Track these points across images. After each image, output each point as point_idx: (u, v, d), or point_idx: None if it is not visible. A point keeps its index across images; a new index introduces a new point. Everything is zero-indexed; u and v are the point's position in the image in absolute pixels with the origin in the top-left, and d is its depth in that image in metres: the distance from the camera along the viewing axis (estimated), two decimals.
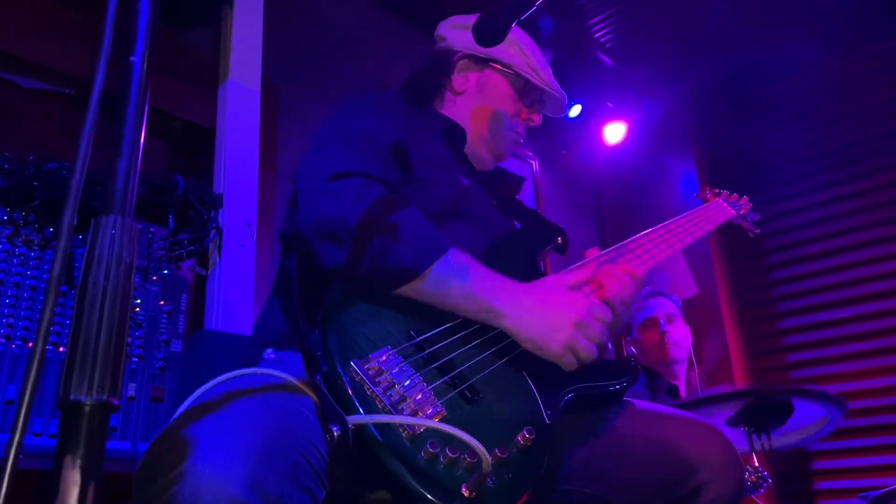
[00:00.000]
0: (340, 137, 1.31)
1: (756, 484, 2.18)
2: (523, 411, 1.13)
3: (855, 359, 3.71)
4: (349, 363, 1.03)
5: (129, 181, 0.55)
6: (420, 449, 0.96)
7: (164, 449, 0.85)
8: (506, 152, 1.67)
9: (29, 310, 1.72)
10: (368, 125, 1.35)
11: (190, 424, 0.88)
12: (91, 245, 0.53)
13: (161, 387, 1.87)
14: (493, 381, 1.15)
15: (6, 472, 0.45)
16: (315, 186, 1.21)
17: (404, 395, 1.02)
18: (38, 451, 1.60)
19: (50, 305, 0.50)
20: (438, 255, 1.15)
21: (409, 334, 1.13)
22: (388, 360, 1.07)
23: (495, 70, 1.64)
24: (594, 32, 3.87)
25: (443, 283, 1.15)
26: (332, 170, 1.21)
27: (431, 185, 1.39)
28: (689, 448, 1.17)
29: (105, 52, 0.55)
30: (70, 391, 0.49)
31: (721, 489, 1.15)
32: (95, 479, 0.47)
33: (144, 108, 0.58)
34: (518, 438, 1.06)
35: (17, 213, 1.77)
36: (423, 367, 1.09)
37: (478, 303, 1.16)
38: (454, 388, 1.09)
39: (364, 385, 1.01)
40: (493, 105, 1.63)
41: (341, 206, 1.16)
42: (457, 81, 1.64)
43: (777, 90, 4.18)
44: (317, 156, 1.28)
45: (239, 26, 2.62)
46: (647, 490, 1.16)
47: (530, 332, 1.16)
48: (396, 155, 1.35)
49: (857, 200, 3.87)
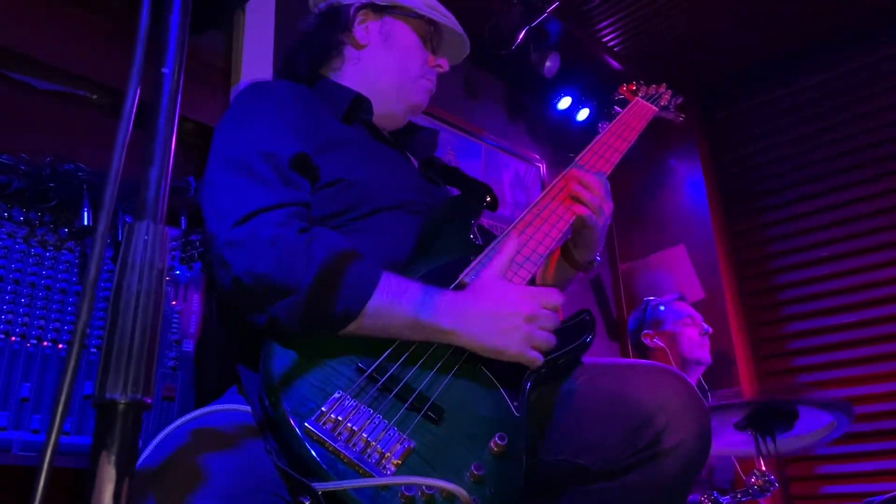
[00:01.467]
0: (233, 163, 1.20)
1: (763, 488, 2.19)
2: (491, 412, 1.12)
3: (862, 363, 3.71)
4: (304, 425, 0.98)
5: (160, 189, 0.57)
6: (395, 495, 0.94)
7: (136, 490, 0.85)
8: (421, 102, 1.58)
9: (44, 309, 1.75)
10: (260, 140, 1.23)
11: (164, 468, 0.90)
12: (125, 250, 0.55)
13: (173, 386, 1.89)
14: (454, 390, 1.12)
15: (43, 470, 0.47)
16: (220, 237, 1.12)
17: (368, 441, 1.00)
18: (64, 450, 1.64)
19: (86, 307, 0.52)
20: (371, 288, 1.09)
21: (357, 367, 1.09)
22: (341, 407, 1.02)
23: (396, 17, 1.54)
24: (602, 36, 3.88)
25: (382, 317, 1.10)
26: (235, 213, 1.12)
27: (350, 185, 1.31)
28: (644, 395, 1.12)
29: (137, 65, 0.56)
30: (105, 390, 0.52)
31: (683, 431, 1.10)
32: (129, 475, 0.50)
33: (175, 118, 0.60)
34: (491, 446, 1.05)
35: (34, 214, 1.79)
36: (380, 402, 1.05)
37: (424, 328, 1.12)
38: (417, 412, 1.06)
39: (325, 444, 0.98)
40: (401, 53, 1.54)
41: (257, 262, 1.07)
42: (359, 34, 1.52)
43: (782, 94, 4.19)
44: (215, 193, 1.18)
45: (251, 29, 2.64)
46: (613, 445, 1.12)
47: (486, 341, 1.12)
48: (300, 166, 1.24)
49: (864, 205, 3.87)
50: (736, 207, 4.28)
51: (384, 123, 1.54)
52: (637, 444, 1.11)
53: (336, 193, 1.30)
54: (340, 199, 1.29)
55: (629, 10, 3.68)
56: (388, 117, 1.54)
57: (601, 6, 3.66)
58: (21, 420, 1.64)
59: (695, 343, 3.04)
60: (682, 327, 3.08)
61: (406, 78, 1.53)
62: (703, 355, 3.05)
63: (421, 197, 1.42)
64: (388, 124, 1.56)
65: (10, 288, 1.71)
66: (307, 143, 1.28)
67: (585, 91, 4.06)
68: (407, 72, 1.54)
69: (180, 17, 0.63)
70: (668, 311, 3.17)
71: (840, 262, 3.88)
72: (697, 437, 1.12)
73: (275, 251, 1.07)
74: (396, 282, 1.13)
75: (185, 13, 0.64)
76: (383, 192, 1.35)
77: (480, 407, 1.12)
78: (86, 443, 1.71)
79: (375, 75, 1.52)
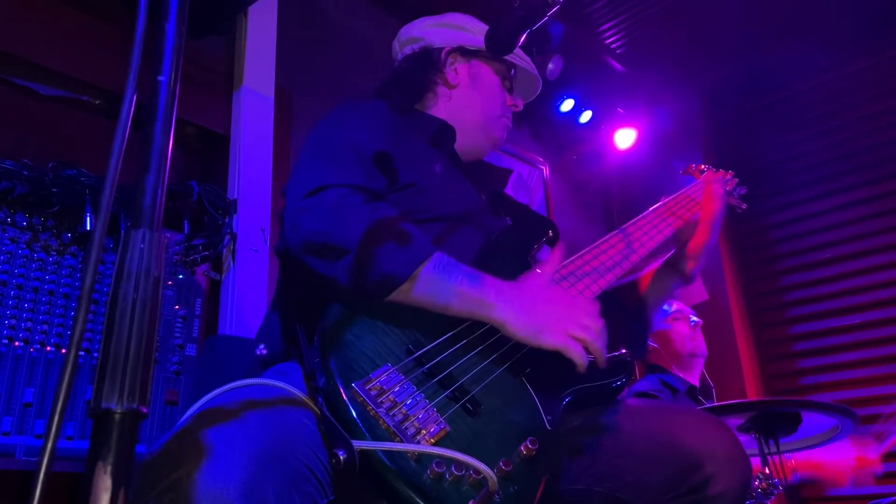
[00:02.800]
0: (320, 152, 1.32)
1: (766, 491, 2.18)
2: (525, 419, 1.15)
3: (865, 365, 3.70)
4: (351, 385, 1.03)
5: (156, 196, 0.57)
6: (426, 468, 0.97)
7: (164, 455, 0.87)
8: (500, 138, 1.70)
9: (47, 314, 1.75)
10: (350, 135, 1.36)
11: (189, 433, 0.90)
12: (121, 258, 0.55)
13: (176, 390, 1.90)
14: (493, 391, 1.16)
15: (40, 475, 0.47)
16: (294, 205, 1.22)
17: (407, 414, 1.03)
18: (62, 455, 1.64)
19: (82, 315, 0.52)
20: (423, 258, 1.16)
21: (408, 349, 1.13)
22: (388, 378, 1.07)
23: (482, 60, 1.68)
24: (605, 38, 3.88)
25: (431, 284, 1.15)
26: (310, 186, 1.22)
27: (421, 190, 1.40)
28: (694, 441, 1.17)
29: (133, 73, 0.56)
30: (102, 400, 0.51)
31: (728, 481, 1.14)
32: (125, 484, 0.50)
33: (171, 125, 0.60)
34: (521, 449, 1.07)
35: (36, 219, 1.80)
36: (424, 383, 1.09)
37: (467, 297, 1.16)
38: (456, 401, 1.10)
39: (367, 406, 1.01)
40: (487, 94, 1.67)
41: (319, 222, 1.17)
42: (450, 75, 1.66)
43: (787, 96, 4.18)
44: (297, 173, 1.30)
45: (253, 34, 2.65)
46: (655, 485, 1.16)
47: (526, 319, 1.16)
48: (381, 163, 1.35)
49: (867, 206, 3.86)
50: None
51: (465, 156, 1.64)
52: (682, 487, 1.15)
53: (407, 196, 1.37)
54: (410, 202, 1.36)
55: (631, 12, 3.68)
56: (470, 150, 1.66)
57: (603, 8, 3.66)
58: (24, 425, 1.64)
59: (686, 337, 3.04)
60: (671, 324, 3.08)
61: (490, 116, 1.66)
62: (697, 347, 3.04)
63: (486, 219, 1.50)
64: (469, 157, 1.67)
65: (14, 293, 1.71)
66: (394, 148, 1.38)
67: (588, 93, 4.05)
68: (491, 111, 1.67)
69: (177, 23, 0.63)
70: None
71: (845, 263, 3.87)
72: (740, 487, 1.16)
73: (337, 213, 1.17)
74: (448, 259, 1.19)
75: (181, 20, 0.64)
76: (451, 206, 1.43)
77: (516, 412, 1.15)
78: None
79: (464, 112, 1.65)
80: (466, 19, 1.72)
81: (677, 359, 3.01)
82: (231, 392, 1.04)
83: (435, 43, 1.68)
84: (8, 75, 2.10)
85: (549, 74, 3.58)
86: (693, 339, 3.04)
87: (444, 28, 1.70)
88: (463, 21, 1.71)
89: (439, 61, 1.66)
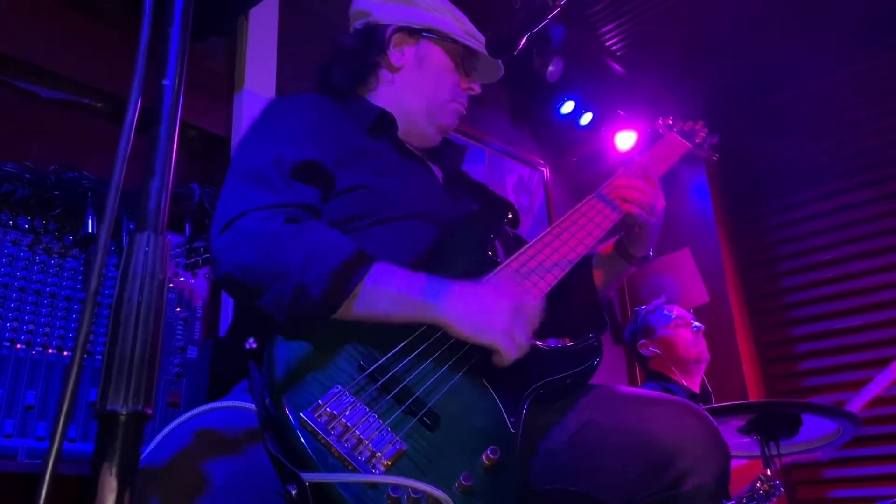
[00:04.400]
0: (238, 172, 1.25)
1: (768, 493, 2.18)
2: (486, 425, 1.11)
3: (867, 367, 3.69)
4: (299, 414, 0.99)
5: (161, 200, 0.57)
6: (382, 495, 0.94)
7: None
8: (450, 124, 1.60)
9: (49, 316, 1.75)
10: (269, 150, 1.26)
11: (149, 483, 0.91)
12: (126, 261, 0.56)
13: (177, 392, 1.90)
14: (452, 398, 1.12)
15: (46, 477, 0.47)
16: (214, 242, 1.17)
17: (360, 438, 1.00)
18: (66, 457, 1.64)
19: (87, 318, 0.52)
20: (360, 275, 1.10)
21: (360, 366, 1.09)
22: (338, 402, 1.02)
23: (432, 40, 1.55)
24: (605, 41, 3.89)
25: (368, 298, 1.11)
26: (228, 216, 1.15)
27: (370, 190, 1.33)
28: (669, 435, 1.12)
29: (138, 77, 0.57)
30: (107, 401, 0.52)
31: (705, 474, 1.10)
32: (130, 485, 0.50)
33: (175, 129, 0.61)
34: (483, 459, 1.05)
35: (38, 222, 1.80)
36: (378, 401, 1.05)
37: (406, 302, 1.12)
38: (413, 415, 1.06)
39: (317, 435, 0.98)
40: (434, 77, 1.55)
41: (239, 257, 1.11)
42: (394, 57, 1.54)
43: (787, 98, 4.18)
44: (219, 201, 1.23)
45: (254, 36, 2.65)
46: (631, 482, 1.12)
47: (467, 318, 1.12)
48: (308, 173, 1.26)
49: (869, 208, 3.86)
50: (740, 211, 4.27)
51: (412, 140, 1.56)
52: (656, 484, 1.11)
53: (354, 199, 1.31)
54: (357, 205, 1.31)
55: (632, 14, 3.69)
56: (417, 135, 1.57)
57: (604, 11, 3.67)
58: (26, 427, 1.64)
59: (689, 343, 3.04)
60: (673, 330, 3.08)
61: (436, 101, 1.55)
62: (701, 353, 3.03)
63: (441, 209, 1.42)
64: (417, 142, 1.58)
65: (16, 295, 1.71)
66: (324, 152, 1.30)
67: (588, 95, 4.06)
68: (437, 95, 1.56)
69: (181, 28, 0.64)
70: (658, 316, 3.16)
71: (846, 265, 3.87)
72: (717, 481, 1.12)
73: (259, 243, 1.10)
74: (385, 266, 1.14)
75: (185, 25, 0.65)
76: (401, 202, 1.36)
77: (476, 419, 1.12)
78: (91, 450, 1.71)
79: (407, 97, 1.54)
80: None
81: (681, 365, 3.01)
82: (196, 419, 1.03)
83: (383, 20, 1.55)
84: (10, 78, 2.10)
85: (549, 76, 3.59)
86: (696, 346, 3.04)
87: (392, 3, 1.56)
88: None
89: (384, 41, 1.53)
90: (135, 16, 0.64)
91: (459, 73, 1.58)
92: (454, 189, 1.59)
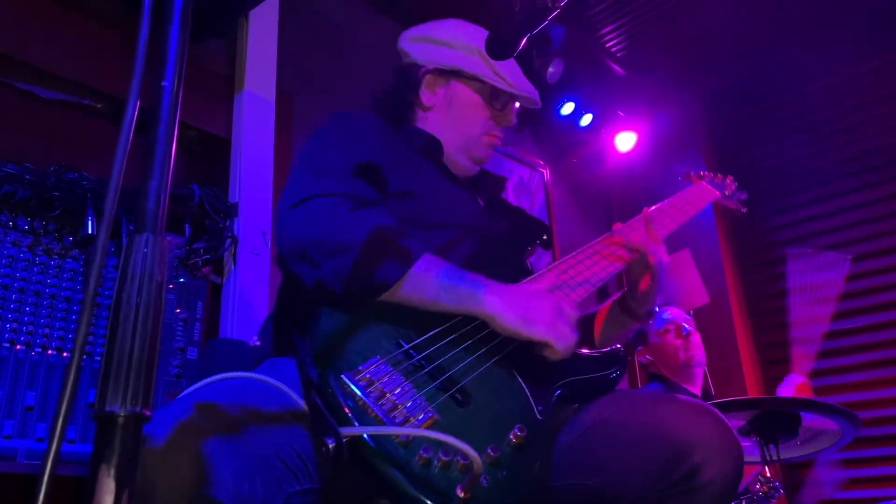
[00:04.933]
0: (306, 167, 1.37)
1: (767, 494, 2.17)
2: (514, 410, 1.16)
3: (868, 369, 3.70)
4: (340, 376, 1.06)
5: (160, 201, 0.57)
6: (414, 454, 0.99)
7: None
8: (484, 157, 1.68)
9: (48, 317, 1.75)
10: (335, 150, 1.40)
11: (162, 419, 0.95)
12: (124, 262, 0.56)
13: (177, 393, 1.90)
14: (483, 383, 1.17)
15: (44, 479, 0.47)
16: (281, 216, 1.28)
17: (395, 404, 1.05)
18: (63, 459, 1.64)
19: (86, 319, 0.52)
20: (413, 259, 1.19)
21: (397, 343, 1.16)
22: (377, 370, 1.09)
23: (461, 81, 1.64)
24: (605, 42, 3.89)
25: (419, 282, 1.19)
26: (296, 197, 1.26)
27: (416, 198, 1.42)
28: (682, 430, 1.14)
29: (136, 78, 0.57)
30: (105, 403, 0.52)
31: (718, 469, 1.12)
32: (129, 487, 0.50)
33: (174, 130, 0.61)
34: (510, 437, 1.09)
35: (38, 223, 1.80)
36: (413, 374, 1.12)
37: (456, 292, 1.19)
38: (445, 391, 1.11)
39: (355, 397, 1.04)
40: (465, 115, 1.64)
41: (305, 229, 1.22)
42: (425, 97, 1.65)
43: (787, 99, 4.19)
44: (285, 189, 1.34)
45: (254, 37, 2.66)
46: (645, 476, 1.14)
47: (512, 313, 1.18)
48: (368, 174, 1.37)
49: (869, 209, 3.86)
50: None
51: (452, 168, 1.65)
52: (671, 477, 1.12)
53: (403, 204, 1.40)
54: (405, 209, 1.39)
55: (632, 15, 3.69)
56: (457, 166, 1.66)
57: (604, 12, 3.67)
58: (26, 428, 1.64)
59: (678, 348, 2.99)
60: (663, 336, 3.05)
61: (468, 136, 1.64)
62: (691, 357, 2.98)
63: (480, 224, 1.52)
64: (457, 171, 1.67)
65: (15, 296, 1.71)
66: (381, 158, 1.42)
67: (588, 97, 4.06)
68: (469, 130, 1.64)
69: (180, 29, 0.64)
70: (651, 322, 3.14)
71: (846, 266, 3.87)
72: (731, 476, 1.14)
73: (328, 220, 1.22)
74: (436, 258, 1.23)
75: (184, 25, 0.65)
76: (445, 213, 1.45)
77: (506, 401, 1.17)
78: (90, 451, 1.71)
79: (444, 132, 1.64)
80: (454, 30, 1.67)
81: (673, 371, 2.99)
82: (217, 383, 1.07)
83: (418, 60, 1.66)
84: (10, 79, 2.10)
85: (549, 78, 3.59)
86: (686, 350, 2.97)
87: (425, 44, 1.67)
88: (450, 33, 1.66)
89: (416, 82, 1.64)
90: (134, 17, 0.64)
91: (491, 108, 1.65)
92: (493, 211, 1.67)
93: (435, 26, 1.69)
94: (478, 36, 1.61)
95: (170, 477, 0.88)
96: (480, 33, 1.61)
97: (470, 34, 1.65)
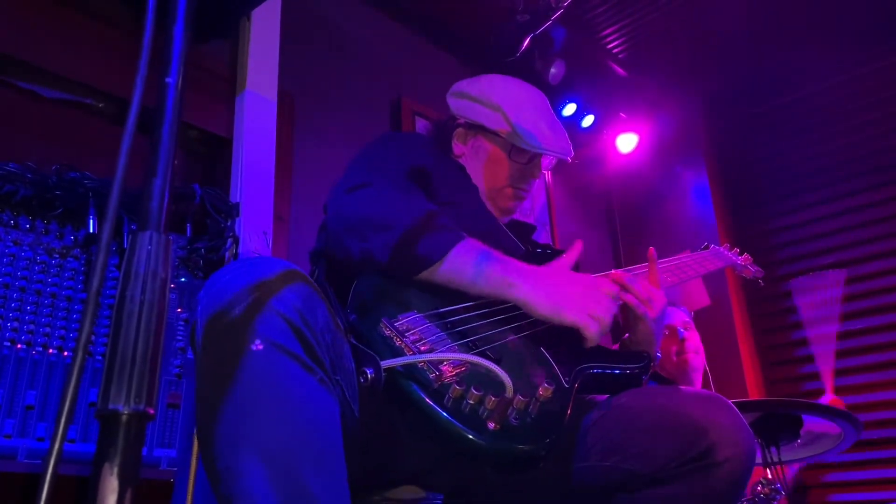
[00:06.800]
0: (363, 164, 1.48)
1: (769, 496, 2.17)
2: (542, 374, 1.22)
3: (869, 370, 3.69)
4: (380, 319, 1.15)
5: (163, 199, 0.58)
6: (448, 388, 1.05)
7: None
8: (510, 208, 1.76)
9: (50, 317, 1.75)
10: (391, 151, 1.53)
11: (261, 263, 1.02)
12: (128, 260, 0.56)
13: (178, 393, 1.90)
14: (512, 350, 1.24)
15: (47, 478, 0.47)
16: (338, 197, 1.38)
17: (432, 348, 1.12)
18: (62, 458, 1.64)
19: (89, 318, 0.52)
20: (455, 241, 1.26)
21: (432, 305, 1.24)
22: (415, 320, 1.18)
23: (485, 136, 1.73)
24: (607, 43, 3.89)
25: (459, 263, 1.24)
26: (352, 183, 1.37)
27: (460, 211, 1.48)
28: (699, 413, 1.19)
29: (141, 76, 0.57)
30: (108, 401, 0.52)
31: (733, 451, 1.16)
32: (132, 486, 0.50)
33: (178, 128, 0.61)
34: (539, 391, 1.13)
35: (40, 222, 1.80)
36: (447, 330, 1.19)
37: (492, 276, 1.24)
38: (476, 348, 1.18)
39: (394, 337, 1.12)
40: (489, 168, 1.73)
41: (361, 206, 1.32)
42: (456, 147, 1.77)
43: (789, 101, 4.18)
44: (341, 180, 1.44)
45: (256, 38, 2.66)
46: (662, 454, 1.18)
47: (546, 299, 1.23)
48: (420, 177, 1.48)
49: (870, 211, 3.86)
50: (742, 214, 4.27)
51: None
52: (688, 454, 1.16)
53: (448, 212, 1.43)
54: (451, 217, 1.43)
55: (633, 16, 3.68)
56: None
57: (606, 13, 3.66)
58: (26, 427, 1.64)
59: (671, 353, 2.97)
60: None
61: (492, 186, 1.73)
62: (683, 361, 2.96)
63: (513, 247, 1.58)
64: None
65: (16, 295, 1.71)
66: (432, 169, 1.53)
67: (590, 98, 4.06)
68: (493, 181, 1.73)
69: (184, 27, 0.64)
70: None
71: (847, 268, 3.86)
72: (745, 457, 1.17)
73: (382, 200, 1.32)
74: (476, 242, 1.29)
75: (188, 24, 0.65)
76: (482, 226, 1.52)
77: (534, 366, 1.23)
78: (91, 450, 1.71)
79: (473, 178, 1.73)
80: (485, 86, 1.75)
81: (673, 373, 2.98)
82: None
83: (454, 113, 1.79)
84: (11, 78, 2.10)
85: (551, 79, 3.59)
86: (679, 354, 2.95)
87: (460, 99, 1.78)
88: (480, 89, 1.75)
89: (449, 135, 1.77)
90: (136, 16, 0.64)
91: (514, 163, 1.72)
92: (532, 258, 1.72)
93: (473, 81, 1.79)
94: (505, 93, 1.71)
95: (286, 294, 0.94)
96: (510, 90, 1.72)
97: (497, 91, 1.73)
